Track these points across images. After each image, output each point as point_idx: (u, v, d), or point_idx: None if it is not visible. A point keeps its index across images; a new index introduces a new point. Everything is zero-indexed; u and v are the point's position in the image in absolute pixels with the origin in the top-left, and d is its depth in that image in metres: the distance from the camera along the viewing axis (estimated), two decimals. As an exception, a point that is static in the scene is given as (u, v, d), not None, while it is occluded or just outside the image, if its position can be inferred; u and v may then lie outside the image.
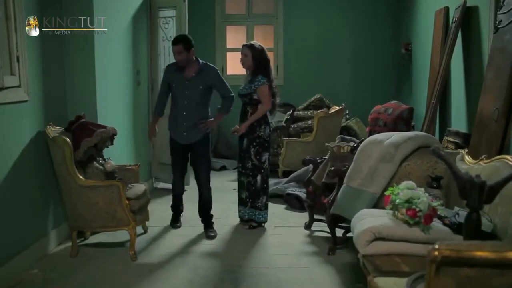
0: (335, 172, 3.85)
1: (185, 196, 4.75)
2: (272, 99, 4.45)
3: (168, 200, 4.80)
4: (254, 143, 4.42)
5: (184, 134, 4.39)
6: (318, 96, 7.08)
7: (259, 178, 4.49)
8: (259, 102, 4.40)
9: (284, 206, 5.31)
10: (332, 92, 7.39)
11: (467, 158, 3.16)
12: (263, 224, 4.59)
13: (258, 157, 4.44)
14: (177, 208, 4.66)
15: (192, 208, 4.72)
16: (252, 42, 4.57)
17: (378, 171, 3.42)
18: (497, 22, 3.92)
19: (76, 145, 3.84)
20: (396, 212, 2.81)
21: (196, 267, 3.71)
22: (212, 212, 4.56)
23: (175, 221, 4.64)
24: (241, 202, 4.59)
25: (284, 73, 7.98)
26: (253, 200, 4.51)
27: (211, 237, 4.34)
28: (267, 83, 4.35)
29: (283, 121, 6.97)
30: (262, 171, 4.49)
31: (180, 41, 4.25)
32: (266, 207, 4.58)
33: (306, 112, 6.99)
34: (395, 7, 7.68)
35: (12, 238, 3.45)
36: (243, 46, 4.48)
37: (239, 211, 4.63)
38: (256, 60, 4.37)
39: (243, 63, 4.44)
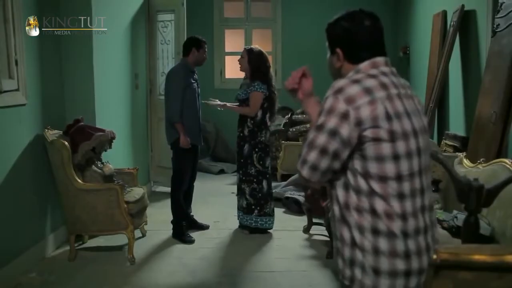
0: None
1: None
2: (271, 107, 4.41)
3: (166, 204, 4.74)
4: (257, 149, 4.37)
5: (200, 134, 4.49)
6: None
7: (264, 183, 4.43)
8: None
9: (282, 209, 5.31)
10: (330, 96, 7.38)
11: (465, 162, 3.16)
12: (268, 230, 4.54)
13: (261, 162, 4.40)
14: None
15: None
16: (253, 46, 4.55)
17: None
18: (494, 26, 3.93)
19: (75, 149, 3.83)
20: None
21: (194, 271, 3.71)
22: (211, 215, 4.57)
23: (187, 233, 4.42)
24: (246, 210, 4.46)
25: (282, 76, 7.96)
26: (261, 207, 4.43)
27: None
28: (262, 91, 4.29)
29: (282, 125, 6.97)
30: (267, 176, 4.46)
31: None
32: (273, 212, 4.54)
33: (304, 115, 6.98)
34: (393, 11, 7.70)
35: (10, 241, 3.44)
36: (244, 49, 4.50)
37: (243, 219, 4.51)
38: (252, 64, 4.33)
39: (240, 65, 4.46)
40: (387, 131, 1.49)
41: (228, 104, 4.49)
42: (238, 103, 4.47)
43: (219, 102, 4.51)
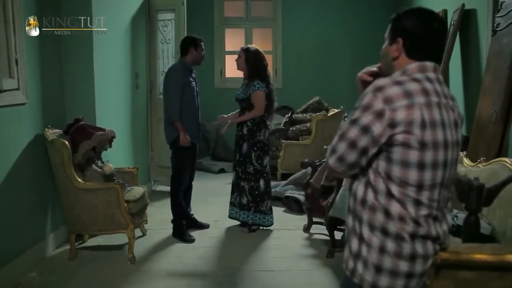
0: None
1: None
2: (269, 106, 4.43)
3: (167, 203, 4.74)
4: (255, 148, 4.39)
5: (199, 133, 4.50)
6: (317, 98, 7.08)
7: (261, 182, 4.45)
8: None
9: (282, 209, 5.31)
10: (330, 95, 7.39)
11: (466, 161, 3.16)
12: (266, 228, 4.57)
13: (259, 161, 4.42)
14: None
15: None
16: (249, 45, 4.58)
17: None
18: (495, 25, 3.93)
19: (75, 148, 3.83)
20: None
21: (194, 270, 3.71)
22: (210, 215, 4.58)
23: (187, 232, 4.43)
24: (243, 207, 4.51)
25: (283, 75, 7.99)
26: (256, 205, 4.46)
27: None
28: (263, 89, 4.32)
29: (282, 124, 6.97)
30: (265, 175, 4.47)
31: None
32: (271, 210, 4.56)
33: (304, 114, 6.99)
34: (393, 10, 7.69)
35: (10, 241, 3.44)
36: (240, 48, 4.50)
37: (237, 213, 4.56)
38: (250, 63, 4.35)
39: (237, 64, 4.47)
40: (418, 139, 1.50)
41: (236, 119, 4.47)
42: (239, 106, 4.50)
43: (225, 118, 4.52)
